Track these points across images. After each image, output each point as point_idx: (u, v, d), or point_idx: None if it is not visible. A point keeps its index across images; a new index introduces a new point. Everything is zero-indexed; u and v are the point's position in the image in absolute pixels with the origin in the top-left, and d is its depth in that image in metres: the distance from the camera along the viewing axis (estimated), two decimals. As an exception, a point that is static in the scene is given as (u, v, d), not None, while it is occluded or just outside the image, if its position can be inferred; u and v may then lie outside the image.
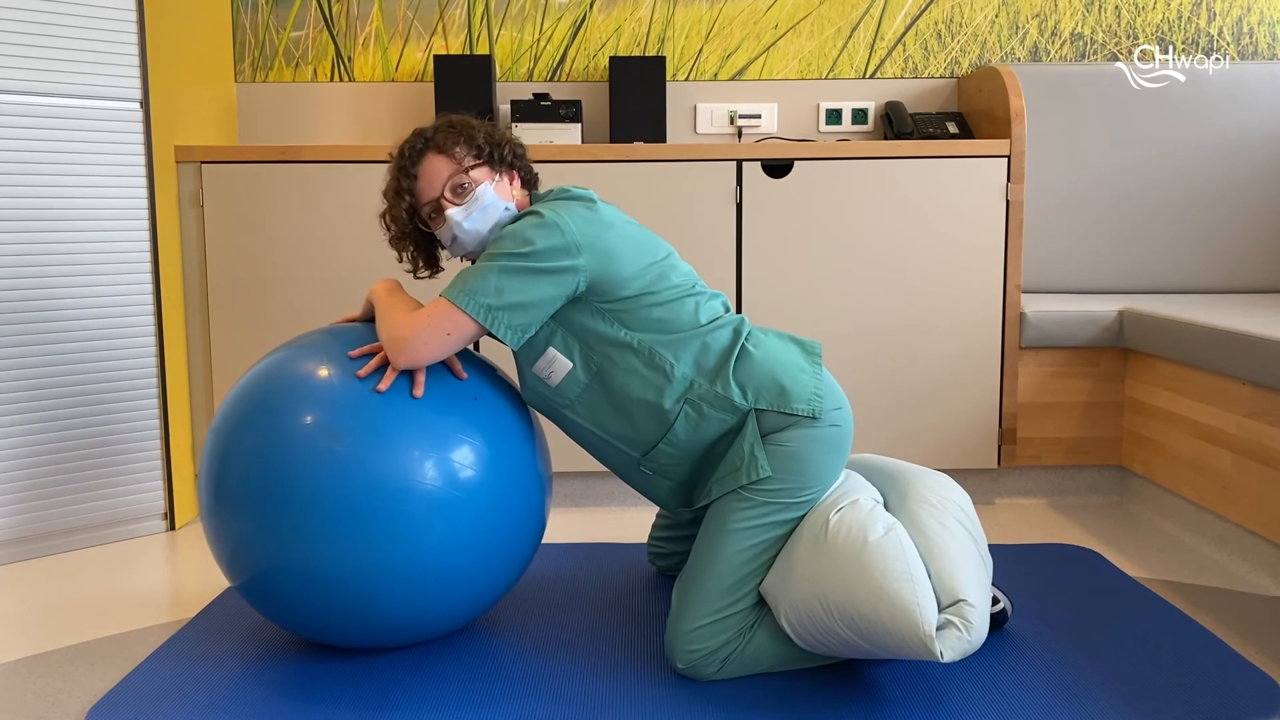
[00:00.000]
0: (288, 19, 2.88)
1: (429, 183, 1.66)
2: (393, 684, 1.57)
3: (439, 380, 1.59)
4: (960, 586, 1.46)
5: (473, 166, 1.66)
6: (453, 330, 1.55)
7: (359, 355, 1.58)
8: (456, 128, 1.68)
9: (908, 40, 2.90)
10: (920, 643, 1.39)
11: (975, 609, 1.43)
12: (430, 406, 1.55)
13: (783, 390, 1.59)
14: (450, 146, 1.66)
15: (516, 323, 1.56)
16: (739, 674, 1.57)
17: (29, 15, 2.14)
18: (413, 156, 1.67)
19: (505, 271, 1.54)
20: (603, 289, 1.59)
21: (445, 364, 1.63)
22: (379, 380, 1.54)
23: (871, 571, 1.44)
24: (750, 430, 1.58)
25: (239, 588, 1.61)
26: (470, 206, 1.64)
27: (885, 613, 1.41)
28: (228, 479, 1.53)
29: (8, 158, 2.14)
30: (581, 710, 1.48)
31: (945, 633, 1.42)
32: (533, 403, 1.71)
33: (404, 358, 1.54)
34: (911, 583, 1.42)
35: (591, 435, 1.68)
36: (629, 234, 1.63)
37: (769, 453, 1.57)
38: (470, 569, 1.57)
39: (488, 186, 1.66)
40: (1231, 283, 2.84)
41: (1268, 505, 1.97)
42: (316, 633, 1.62)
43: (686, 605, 1.57)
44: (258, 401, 1.56)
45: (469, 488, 1.54)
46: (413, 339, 1.54)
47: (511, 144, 1.72)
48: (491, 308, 1.54)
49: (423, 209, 1.68)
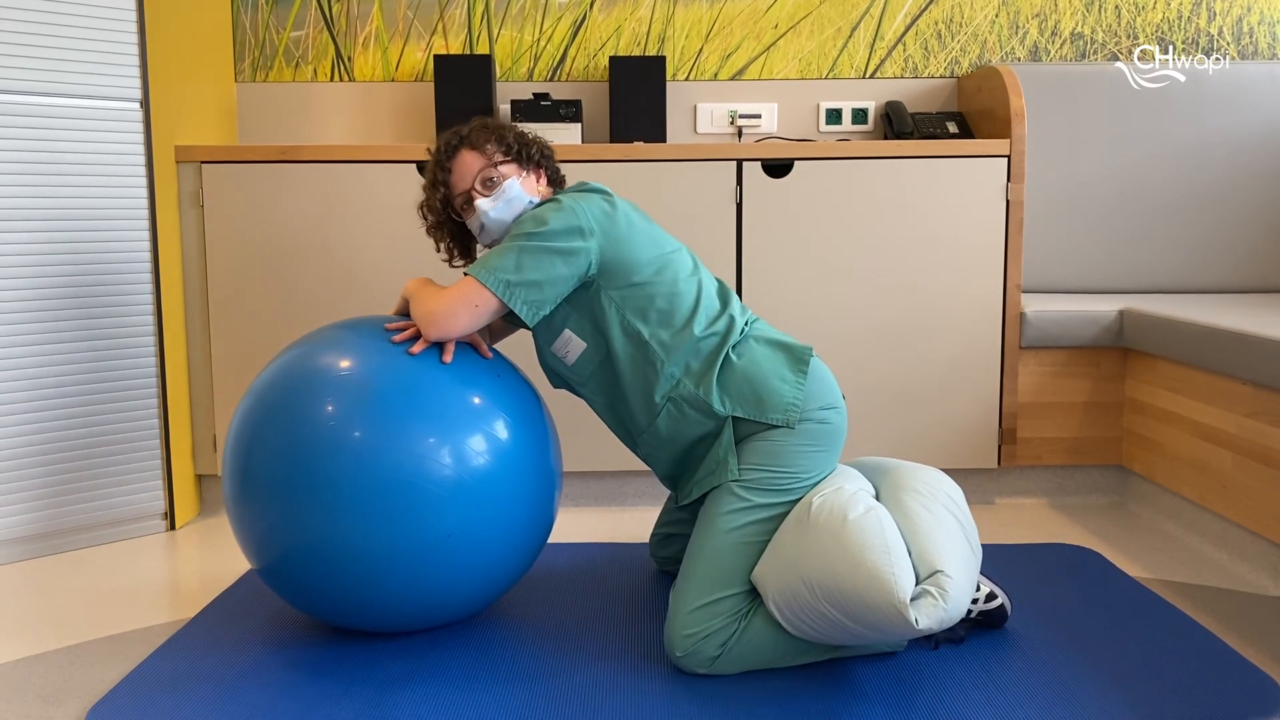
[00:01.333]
0: (288, 19, 2.88)
1: (461, 175, 1.79)
2: (395, 681, 1.57)
3: (464, 355, 1.69)
4: (938, 559, 1.49)
5: (502, 162, 1.79)
6: (479, 303, 1.65)
7: (395, 327, 1.69)
8: (490, 128, 1.82)
9: (908, 40, 2.90)
10: (894, 609, 1.42)
11: (952, 579, 1.46)
12: (447, 396, 1.63)
13: (759, 401, 1.67)
14: (482, 143, 1.79)
15: (532, 298, 1.65)
16: (738, 668, 1.59)
17: (29, 15, 2.14)
18: (448, 151, 1.80)
19: (524, 251, 1.64)
20: (613, 273, 1.69)
21: (470, 344, 1.73)
22: (407, 351, 1.65)
23: (849, 547, 1.48)
24: (726, 437, 1.67)
25: (260, 571, 1.68)
26: (497, 198, 1.76)
27: (862, 584, 1.44)
28: (252, 468, 1.61)
29: (8, 158, 2.14)
30: (583, 706, 1.49)
31: (921, 601, 1.44)
32: (551, 379, 1.85)
33: (435, 329, 1.65)
34: (888, 554, 1.46)
35: (604, 411, 1.81)
36: (640, 225, 1.74)
37: (754, 447, 1.66)
38: (483, 553, 1.63)
39: (515, 181, 1.78)
40: (1231, 283, 2.84)
41: (1268, 505, 1.98)
42: (333, 615, 1.68)
43: (682, 590, 1.63)
44: (280, 392, 1.63)
45: (482, 475, 1.60)
46: (443, 311, 1.64)
47: (539, 145, 1.85)
48: (510, 284, 1.64)
49: (455, 200, 1.81)
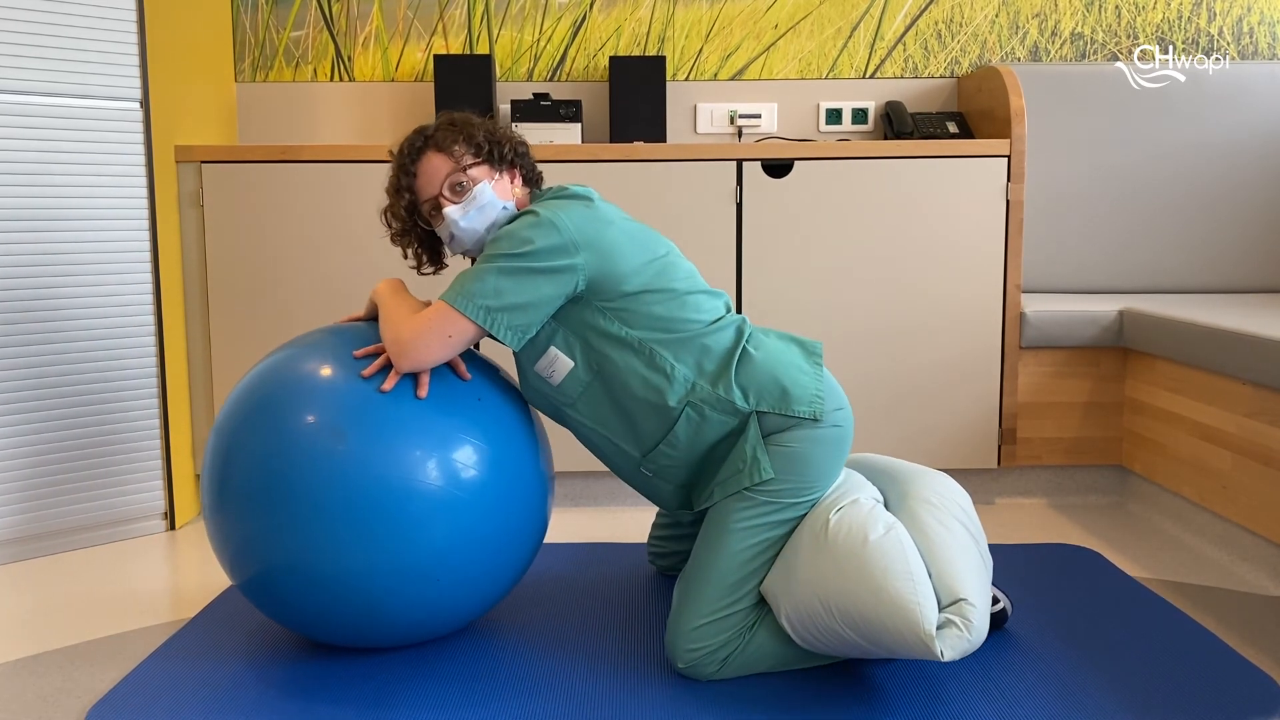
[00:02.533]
0: (288, 19, 2.88)
1: (428, 181, 1.66)
2: (393, 684, 1.57)
3: (442, 381, 1.59)
4: (960, 585, 1.45)
5: (471, 165, 1.66)
6: (454, 333, 1.54)
7: (364, 355, 1.58)
8: (457, 126, 1.68)
9: (908, 40, 2.90)
10: (920, 642, 1.39)
11: (975, 608, 1.43)
12: (433, 407, 1.55)
13: (784, 392, 1.58)
14: (449, 145, 1.66)
15: (516, 323, 1.56)
16: (739, 674, 1.57)
17: (30, 15, 2.14)
18: (412, 154, 1.67)
19: (503, 273, 1.54)
20: (603, 286, 1.58)
21: (449, 365, 1.62)
22: (382, 381, 1.54)
23: (872, 571, 1.44)
24: (753, 432, 1.57)
25: (241, 586, 1.61)
26: (468, 205, 1.64)
27: (886, 612, 1.41)
28: (230, 478, 1.53)
29: (8, 158, 2.14)
30: (582, 709, 1.48)
31: (945, 632, 1.41)
32: (534, 402, 1.70)
33: (407, 360, 1.54)
34: (912, 581, 1.42)
35: (594, 434, 1.67)
36: (628, 231, 1.63)
37: (770, 454, 1.57)
38: (472, 569, 1.57)
39: (486, 185, 1.66)
40: (1231, 283, 2.84)
41: (1267, 505, 1.97)
42: (318, 632, 1.62)
43: (687, 604, 1.57)
44: (260, 400, 1.56)
45: (471, 487, 1.53)
46: (415, 342, 1.54)
47: (512, 142, 1.72)
48: (491, 309, 1.54)
49: (422, 206, 1.69)
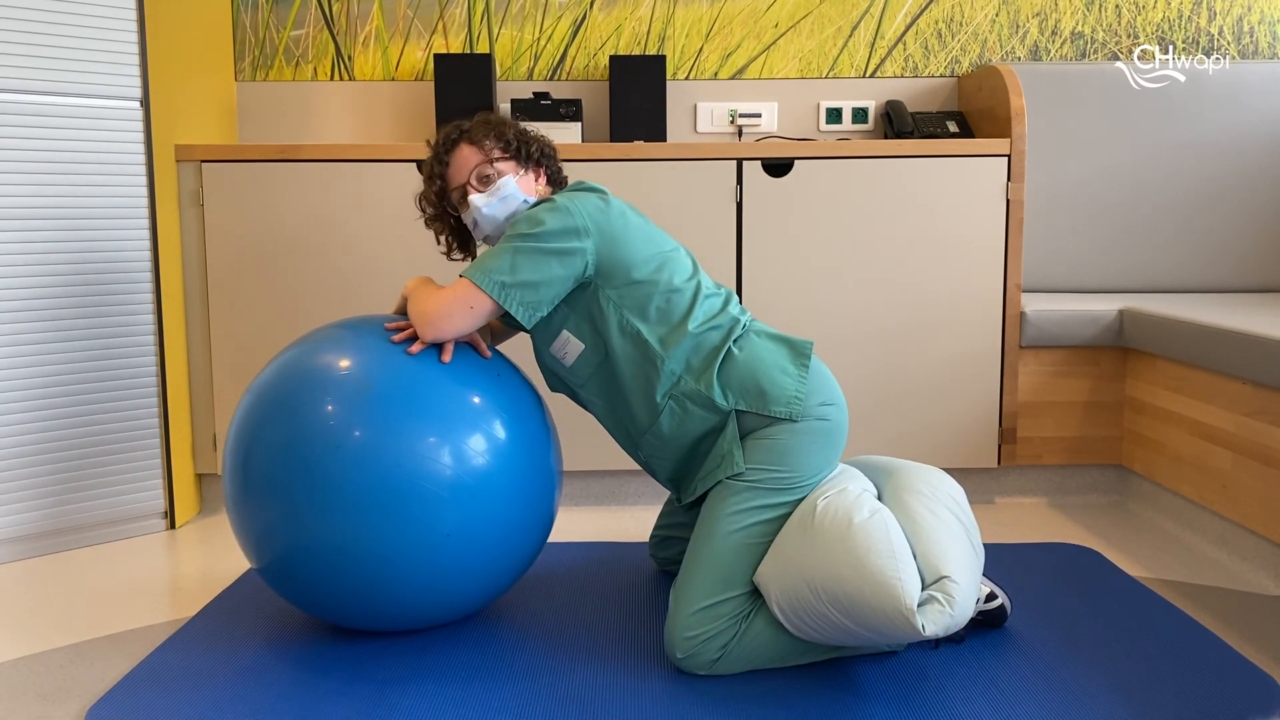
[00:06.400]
0: (288, 18, 2.88)
1: (458, 169, 1.79)
2: (395, 679, 1.57)
3: (464, 355, 1.69)
4: (944, 564, 1.48)
5: (499, 159, 1.78)
6: (474, 304, 1.64)
7: (394, 327, 1.69)
8: (491, 123, 1.81)
9: (908, 39, 2.90)
10: (902, 616, 1.41)
11: (958, 585, 1.46)
12: (447, 396, 1.62)
13: (762, 393, 1.65)
14: (481, 139, 1.79)
15: (528, 299, 1.65)
16: (739, 668, 1.59)
17: (30, 15, 2.14)
18: (447, 145, 1.81)
19: (519, 252, 1.64)
20: (611, 273, 1.68)
21: (470, 343, 1.72)
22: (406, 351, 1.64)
23: (855, 551, 1.47)
24: (730, 430, 1.65)
25: (261, 570, 1.67)
26: (492, 195, 1.76)
27: (869, 590, 1.44)
28: (252, 468, 1.60)
29: (8, 157, 2.14)
30: (582, 705, 1.49)
31: (927, 608, 1.44)
32: (550, 383, 1.83)
33: (431, 330, 1.64)
34: (894, 559, 1.45)
35: (603, 414, 1.79)
36: (636, 224, 1.73)
37: (756, 445, 1.64)
38: (483, 553, 1.63)
39: (510, 179, 1.77)
40: (1231, 283, 2.84)
41: (1267, 505, 1.98)
42: (332, 614, 1.68)
43: (683, 593, 1.61)
44: (279, 393, 1.63)
45: (482, 475, 1.60)
46: (439, 311, 1.64)
47: (541, 144, 1.84)
48: (505, 285, 1.63)
49: (451, 194, 1.81)
